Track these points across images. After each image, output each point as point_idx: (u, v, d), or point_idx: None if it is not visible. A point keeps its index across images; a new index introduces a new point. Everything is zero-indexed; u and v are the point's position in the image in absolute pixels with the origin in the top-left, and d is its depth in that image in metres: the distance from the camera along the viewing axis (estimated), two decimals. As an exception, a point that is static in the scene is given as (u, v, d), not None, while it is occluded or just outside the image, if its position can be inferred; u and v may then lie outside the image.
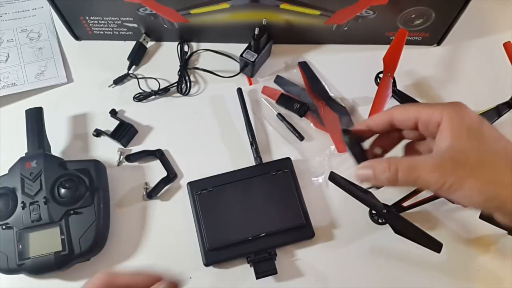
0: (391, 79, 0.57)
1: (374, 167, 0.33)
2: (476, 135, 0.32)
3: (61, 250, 0.47)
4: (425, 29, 0.60)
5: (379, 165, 0.33)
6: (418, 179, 0.31)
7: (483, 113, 0.56)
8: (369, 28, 0.60)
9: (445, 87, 0.61)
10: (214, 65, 0.62)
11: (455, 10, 0.56)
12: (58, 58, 0.62)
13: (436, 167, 0.31)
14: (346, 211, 0.53)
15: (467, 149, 0.31)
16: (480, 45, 0.64)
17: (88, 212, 0.49)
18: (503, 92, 0.57)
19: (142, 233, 0.52)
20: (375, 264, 0.51)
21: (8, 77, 0.60)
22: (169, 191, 0.54)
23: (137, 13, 0.58)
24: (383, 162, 0.33)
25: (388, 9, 0.56)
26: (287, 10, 0.56)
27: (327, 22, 0.59)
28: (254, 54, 0.58)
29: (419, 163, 0.32)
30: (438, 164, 0.31)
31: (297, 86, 0.61)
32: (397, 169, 0.32)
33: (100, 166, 0.52)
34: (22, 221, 0.47)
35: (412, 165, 0.32)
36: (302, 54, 0.63)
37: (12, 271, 0.47)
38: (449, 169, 0.31)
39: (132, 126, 0.57)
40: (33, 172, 0.49)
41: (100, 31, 0.62)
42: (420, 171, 0.31)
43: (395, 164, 0.32)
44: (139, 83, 0.60)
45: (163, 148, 0.56)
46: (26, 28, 0.64)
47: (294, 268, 0.50)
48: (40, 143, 0.52)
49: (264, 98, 0.60)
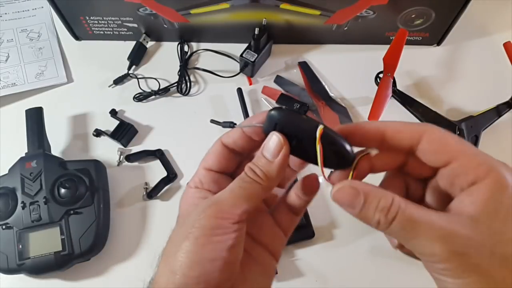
0: (391, 79, 0.57)
1: (369, 199, 0.24)
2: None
3: (61, 250, 0.47)
4: (425, 29, 0.60)
5: (376, 199, 0.23)
6: (412, 240, 0.23)
7: (483, 113, 0.56)
8: (369, 28, 0.60)
9: (445, 87, 0.61)
10: (214, 65, 0.62)
11: (455, 10, 0.56)
12: (58, 58, 0.62)
13: (446, 237, 0.22)
14: (345, 211, 0.53)
15: (499, 233, 0.22)
16: (480, 45, 0.64)
17: (88, 212, 0.49)
18: (503, 92, 0.57)
19: (142, 233, 0.52)
20: (375, 264, 0.51)
21: (8, 77, 0.60)
22: (169, 191, 0.54)
23: (137, 13, 0.58)
24: (387, 196, 0.23)
25: (388, 9, 0.56)
26: (287, 10, 0.56)
27: (327, 22, 0.59)
28: (254, 54, 0.58)
29: (423, 219, 0.22)
30: (449, 234, 0.22)
31: (297, 86, 0.61)
32: (397, 214, 0.23)
33: (100, 166, 0.52)
34: (22, 221, 0.47)
35: (414, 219, 0.23)
36: (302, 54, 0.63)
37: (12, 271, 0.47)
38: (462, 245, 0.22)
39: (132, 126, 0.57)
40: (33, 172, 0.49)
41: (100, 31, 0.62)
42: (420, 231, 0.22)
43: (397, 207, 0.23)
44: (139, 83, 0.60)
45: (163, 148, 0.56)
46: (26, 28, 0.64)
47: (294, 268, 0.50)
48: (40, 143, 0.52)
49: (264, 98, 0.60)
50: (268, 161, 0.26)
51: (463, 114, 0.58)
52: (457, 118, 0.57)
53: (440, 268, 0.22)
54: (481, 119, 0.56)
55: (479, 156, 0.23)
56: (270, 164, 0.26)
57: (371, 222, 0.24)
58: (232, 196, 0.26)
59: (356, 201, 0.24)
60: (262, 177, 0.26)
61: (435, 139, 0.25)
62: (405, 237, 0.23)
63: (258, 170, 0.26)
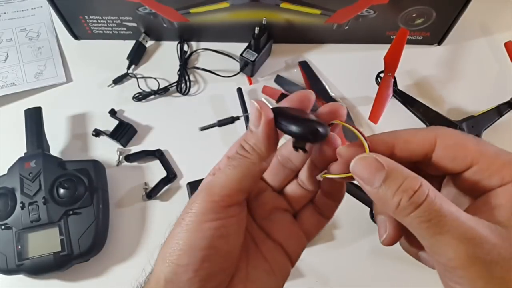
0: (392, 79, 0.57)
1: (393, 175, 0.21)
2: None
3: (60, 250, 0.47)
4: (426, 28, 0.60)
5: (401, 178, 0.20)
6: (435, 236, 0.20)
7: (484, 113, 0.56)
8: (369, 27, 0.60)
9: (446, 86, 0.61)
10: (214, 64, 0.62)
11: (456, 10, 0.56)
12: (57, 58, 0.62)
13: (473, 240, 0.19)
14: (346, 211, 0.53)
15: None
16: (481, 44, 0.64)
17: (87, 212, 0.48)
18: (504, 91, 0.57)
19: (142, 234, 0.52)
20: (375, 264, 0.50)
21: (7, 77, 0.60)
22: (168, 191, 0.54)
23: (137, 12, 0.58)
24: (415, 179, 0.20)
25: (389, 8, 0.56)
26: (287, 9, 0.56)
27: (328, 21, 0.59)
28: (254, 53, 0.58)
29: (453, 215, 0.20)
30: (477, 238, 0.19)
31: (298, 85, 0.60)
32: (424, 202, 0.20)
33: (99, 166, 0.52)
34: (21, 222, 0.47)
35: (443, 212, 0.20)
36: (302, 53, 0.63)
37: (11, 271, 0.47)
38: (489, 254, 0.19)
39: (131, 126, 0.56)
40: (32, 172, 0.49)
41: (99, 31, 0.62)
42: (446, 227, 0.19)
43: (424, 193, 0.20)
44: (139, 82, 0.60)
45: (162, 148, 0.56)
46: (25, 27, 0.64)
47: (294, 268, 0.50)
48: (39, 143, 0.52)
49: (264, 97, 0.60)
50: (252, 132, 0.24)
51: (464, 114, 0.57)
52: (458, 118, 0.56)
53: (457, 276, 0.20)
54: (482, 119, 0.56)
55: (501, 156, 0.22)
56: (254, 135, 0.24)
57: (388, 203, 0.21)
58: (223, 177, 0.24)
59: (378, 175, 0.21)
60: (250, 151, 0.24)
61: (450, 145, 0.23)
62: (426, 231, 0.20)
63: (246, 145, 0.24)
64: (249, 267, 0.26)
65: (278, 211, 0.28)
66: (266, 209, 0.28)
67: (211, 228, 0.23)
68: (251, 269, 0.26)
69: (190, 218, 0.23)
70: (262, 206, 0.28)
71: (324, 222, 0.29)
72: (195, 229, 0.23)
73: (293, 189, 0.28)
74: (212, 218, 0.23)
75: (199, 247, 0.23)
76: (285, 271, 0.28)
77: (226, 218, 0.23)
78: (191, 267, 0.23)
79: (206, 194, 0.24)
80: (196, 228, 0.23)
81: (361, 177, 0.22)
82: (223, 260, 0.24)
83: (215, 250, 0.23)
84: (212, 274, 0.23)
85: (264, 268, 0.26)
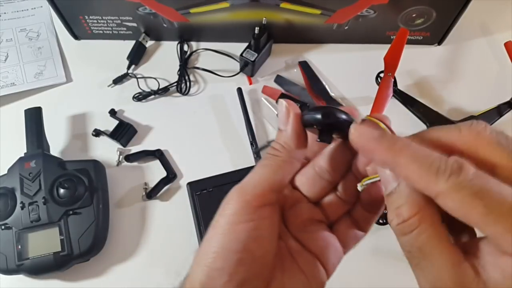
0: (392, 79, 0.57)
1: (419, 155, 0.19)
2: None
3: (60, 250, 0.47)
4: (426, 28, 0.60)
5: (430, 157, 0.18)
6: (491, 227, 0.17)
7: (484, 113, 0.56)
8: (369, 27, 0.60)
9: (446, 86, 0.61)
10: (214, 64, 0.62)
11: (456, 10, 0.56)
12: (57, 58, 0.62)
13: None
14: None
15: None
16: (481, 44, 0.64)
17: (87, 212, 0.48)
18: (504, 91, 0.57)
19: (142, 234, 0.52)
20: (375, 264, 0.50)
21: (7, 77, 0.60)
22: (168, 191, 0.54)
23: (137, 12, 0.58)
24: (449, 158, 0.18)
25: (389, 8, 0.56)
26: (287, 9, 0.56)
27: (328, 21, 0.59)
28: (254, 53, 0.58)
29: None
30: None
31: (298, 85, 0.60)
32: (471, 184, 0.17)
33: (99, 166, 0.52)
34: (21, 222, 0.47)
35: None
36: (302, 53, 0.63)
37: (11, 271, 0.47)
38: None
39: (131, 126, 0.56)
40: (32, 172, 0.49)
41: (99, 31, 0.62)
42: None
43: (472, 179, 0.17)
44: (139, 82, 0.60)
45: (162, 148, 0.56)
46: (25, 27, 0.64)
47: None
48: (39, 143, 0.52)
49: (264, 97, 0.60)
50: (282, 131, 0.25)
51: (464, 114, 0.57)
52: (458, 118, 0.56)
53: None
54: (482, 119, 0.56)
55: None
56: (284, 133, 0.25)
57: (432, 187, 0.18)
58: (255, 176, 0.25)
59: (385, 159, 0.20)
60: (280, 149, 0.25)
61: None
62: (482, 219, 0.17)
63: (276, 145, 0.25)
64: (285, 277, 0.25)
65: (314, 223, 0.28)
66: (301, 220, 0.27)
67: (245, 230, 0.23)
68: (287, 279, 0.25)
69: (224, 219, 0.23)
70: (297, 216, 0.27)
71: (361, 235, 0.28)
72: (229, 232, 0.23)
73: (330, 199, 0.28)
74: (245, 219, 0.23)
75: (234, 249, 0.23)
76: (321, 283, 0.27)
77: (259, 220, 0.23)
78: (226, 271, 0.22)
79: (238, 194, 0.24)
80: (230, 231, 0.23)
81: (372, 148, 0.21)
82: (258, 265, 0.23)
83: (250, 253, 0.23)
84: (247, 279, 0.23)
85: (300, 279, 0.26)
